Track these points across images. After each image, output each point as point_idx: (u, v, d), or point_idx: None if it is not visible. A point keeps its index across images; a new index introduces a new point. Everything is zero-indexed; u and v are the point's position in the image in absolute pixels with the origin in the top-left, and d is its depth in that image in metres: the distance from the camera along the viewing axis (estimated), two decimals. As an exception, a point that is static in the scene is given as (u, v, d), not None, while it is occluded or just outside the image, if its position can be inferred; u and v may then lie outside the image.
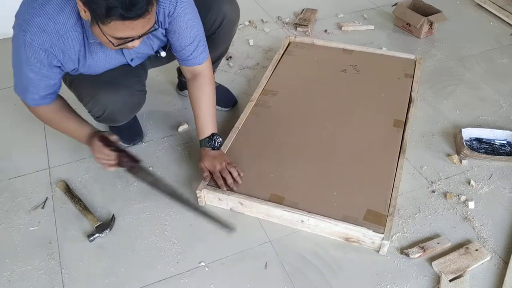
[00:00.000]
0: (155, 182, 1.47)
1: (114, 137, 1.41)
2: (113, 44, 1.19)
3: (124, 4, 1.07)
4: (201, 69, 1.52)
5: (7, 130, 1.86)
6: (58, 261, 1.39)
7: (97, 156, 1.41)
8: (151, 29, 1.21)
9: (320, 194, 1.48)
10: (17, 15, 1.25)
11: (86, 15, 1.15)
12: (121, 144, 1.45)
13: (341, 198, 1.47)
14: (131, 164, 1.41)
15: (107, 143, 1.39)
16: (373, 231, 1.36)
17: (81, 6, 1.14)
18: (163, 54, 1.22)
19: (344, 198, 1.46)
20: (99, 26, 1.13)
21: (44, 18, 1.21)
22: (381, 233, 1.35)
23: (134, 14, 1.10)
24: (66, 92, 1.50)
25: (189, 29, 1.41)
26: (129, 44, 1.21)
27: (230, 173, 1.50)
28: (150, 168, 1.66)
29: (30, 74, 1.31)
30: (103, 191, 1.60)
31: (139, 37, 1.19)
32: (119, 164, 1.41)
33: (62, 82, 1.44)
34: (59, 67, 1.33)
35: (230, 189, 1.49)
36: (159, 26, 1.34)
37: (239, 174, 1.51)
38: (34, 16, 1.21)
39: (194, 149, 1.73)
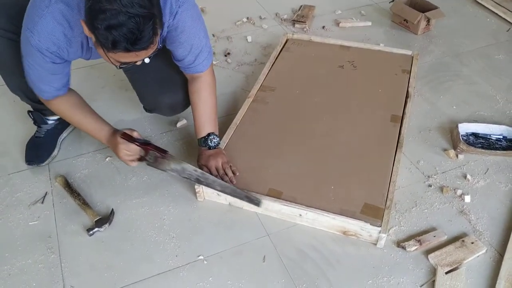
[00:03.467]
0: (182, 170, 1.48)
1: (135, 133, 1.44)
2: (116, 66, 1.23)
3: (130, 39, 1.10)
4: (201, 75, 1.53)
5: (7, 125, 1.87)
6: (58, 255, 1.40)
7: (122, 153, 1.43)
8: (155, 51, 1.23)
9: (318, 188, 1.49)
10: (26, 12, 1.26)
11: (90, 35, 1.15)
12: (144, 138, 1.48)
13: (339, 192, 1.48)
14: (159, 156, 1.44)
15: (130, 139, 1.42)
16: (370, 224, 1.37)
17: (85, 27, 1.14)
18: (146, 60, 1.27)
19: (342, 192, 1.48)
20: (103, 50, 1.15)
21: (51, 21, 1.22)
22: (378, 226, 1.36)
23: (139, 47, 1.13)
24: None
25: (188, 40, 1.41)
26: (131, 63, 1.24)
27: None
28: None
29: (39, 70, 1.34)
30: (102, 186, 1.61)
31: (142, 59, 1.22)
32: (143, 158, 1.45)
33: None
34: (66, 61, 1.37)
35: None
36: (161, 43, 1.36)
37: (234, 174, 1.51)
38: (42, 18, 1.22)
39: (193, 144, 1.73)
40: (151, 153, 1.45)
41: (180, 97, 1.62)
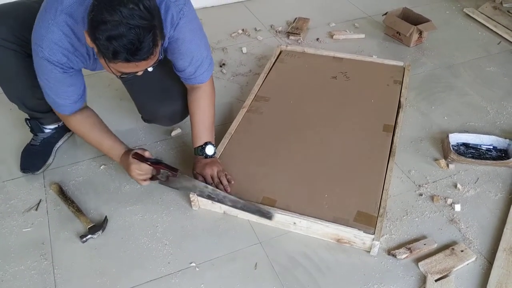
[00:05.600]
0: (194, 187, 1.50)
1: (147, 153, 1.47)
2: (117, 76, 1.26)
3: (130, 50, 1.12)
4: (201, 85, 1.56)
5: (2, 133, 1.88)
6: (51, 261, 1.41)
7: (134, 173, 1.45)
8: (156, 62, 1.26)
9: (312, 196, 1.51)
10: (34, 28, 1.29)
11: (92, 45, 1.18)
12: (156, 157, 1.51)
13: (332, 200, 1.49)
14: (170, 174, 1.47)
15: (142, 159, 1.45)
16: (363, 232, 1.38)
17: (88, 38, 1.17)
18: (150, 69, 1.30)
19: (335, 200, 1.49)
20: (105, 60, 1.18)
21: (58, 33, 1.25)
22: (372, 234, 1.38)
23: (139, 58, 1.16)
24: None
25: (189, 51, 1.44)
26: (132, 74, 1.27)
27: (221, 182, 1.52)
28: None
29: (54, 84, 1.37)
30: (96, 194, 1.62)
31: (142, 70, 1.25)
32: (154, 177, 1.48)
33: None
34: (77, 70, 1.40)
35: None
36: (162, 55, 1.39)
37: (229, 182, 1.52)
38: (49, 30, 1.25)
39: (187, 153, 1.75)
40: (163, 172, 1.47)
41: (178, 107, 1.64)
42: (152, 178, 1.49)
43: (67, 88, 1.40)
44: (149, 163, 1.45)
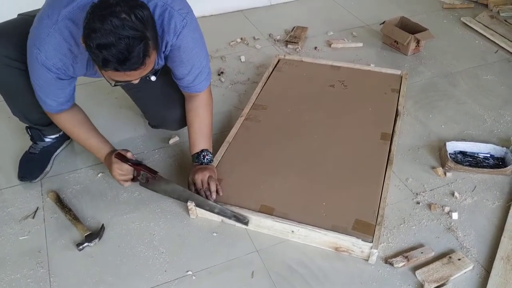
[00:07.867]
0: (172, 191, 1.52)
1: (129, 154, 1.50)
2: (111, 84, 1.26)
3: (119, 60, 1.13)
4: (199, 94, 1.57)
5: (1, 141, 1.89)
6: (47, 269, 1.40)
7: (115, 172, 1.49)
8: (150, 72, 1.26)
9: (309, 204, 1.51)
10: (32, 30, 1.30)
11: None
12: (137, 159, 1.54)
13: (330, 208, 1.49)
14: (149, 176, 1.50)
15: (124, 159, 1.48)
16: (362, 240, 1.38)
17: (83, 45, 1.17)
18: (153, 78, 1.30)
19: (333, 208, 1.49)
20: (98, 67, 1.19)
21: (58, 38, 1.26)
22: (370, 242, 1.37)
23: (128, 68, 1.16)
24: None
25: (189, 60, 1.45)
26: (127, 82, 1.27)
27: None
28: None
29: (45, 85, 1.38)
30: (93, 202, 1.62)
31: (137, 79, 1.26)
32: (135, 179, 1.52)
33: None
34: (71, 77, 1.41)
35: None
36: (157, 63, 1.38)
37: (218, 192, 1.51)
38: (49, 35, 1.25)
39: (185, 161, 1.75)
40: (143, 174, 1.50)
41: (184, 112, 1.64)
42: (134, 179, 1.52)
43: (56, 91, 1.42)
44: (130, 164, 1.48)
